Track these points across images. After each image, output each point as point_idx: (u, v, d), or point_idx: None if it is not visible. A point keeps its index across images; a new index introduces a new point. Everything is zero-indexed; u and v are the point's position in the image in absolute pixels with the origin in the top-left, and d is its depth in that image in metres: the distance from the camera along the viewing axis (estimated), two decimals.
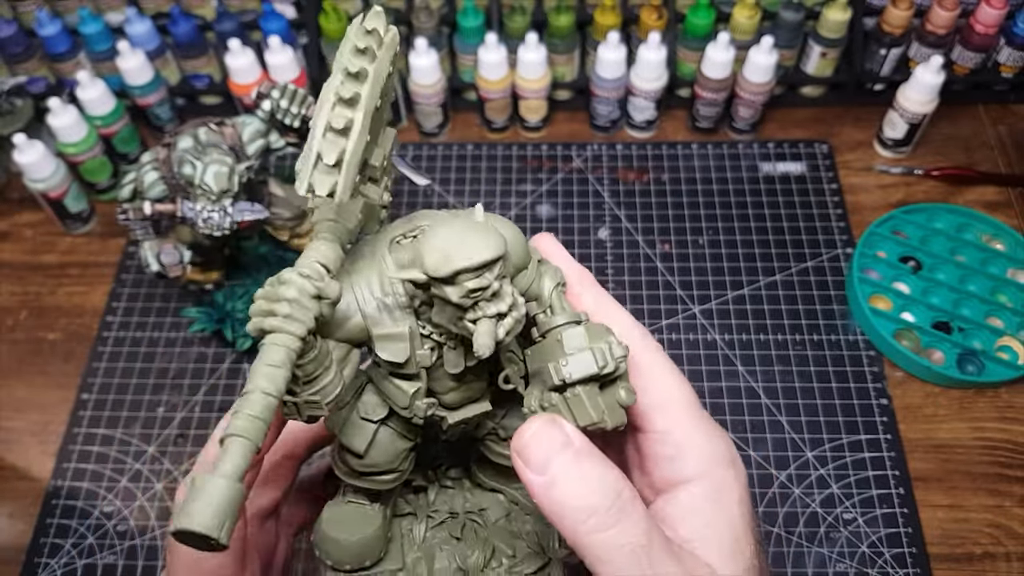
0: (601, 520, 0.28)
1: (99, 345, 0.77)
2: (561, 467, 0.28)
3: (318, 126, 0.26)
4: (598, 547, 0.28)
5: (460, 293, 0.27)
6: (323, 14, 0.87)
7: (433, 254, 0.27)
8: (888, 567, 0.63)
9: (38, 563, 0.66)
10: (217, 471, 0.24)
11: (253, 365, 0.26)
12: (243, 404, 0.25)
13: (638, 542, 0.28)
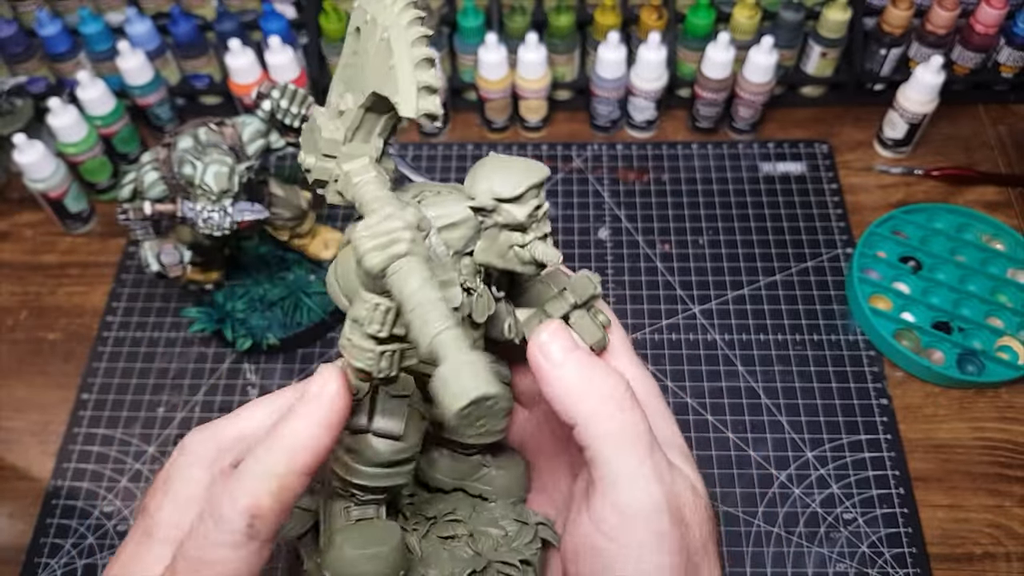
0: (617, 404, 0.32)
1: (99, 345, 0.77)
2: (578, 359, 0.32)
3: (404, 59, 0.27)
4: (611, 427, 0.31)
5: (527, 211, 0.30)
6: (323, 14, 0.87)
7: (495, 181, 0.30)
8: (888, 567, 0.63)
9: (38, 563, 0.66)
10: (456, 352, 0.24)
11: (399, 288, 0.25)
12: (428, 311, 0.25)
13: (645, 429, 0.32)
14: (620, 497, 0.32)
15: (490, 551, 0.37)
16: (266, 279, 0.76)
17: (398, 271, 0.26)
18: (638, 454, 0.32)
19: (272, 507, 0.30)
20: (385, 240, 0.26)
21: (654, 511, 0.31)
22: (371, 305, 0.27)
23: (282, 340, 0.73)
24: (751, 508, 0.66)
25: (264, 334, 0.73)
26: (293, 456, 0.30)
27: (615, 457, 0.32)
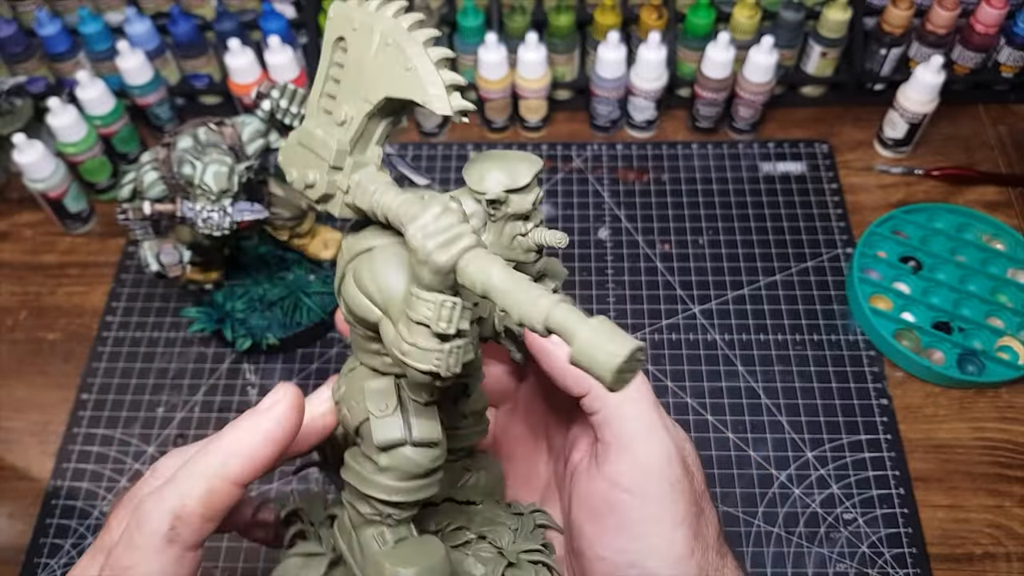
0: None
1: (99, 345, 0.77)
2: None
3: (425, 60, 0.27)
4: (624, 395, 0.34)
5: (532, 199, 0.32)
6: (323, 14, 0.87)
7: (502, 173, 0.31)
8: (888, 567, 0.63)
9: (38, 563, 0.66)
10: (581, 319, 0.24)
11: (481, 279, 0.26)
12: (526, 291, 0.25)
13: (649, 388, 0.35)
14: (637, 451, 0.34)
15: (509, 546, 0.38)
16: (266, 279, 0.76)
17: (472, 262, 0.26)
18: (649, 411, 0.35)
19: (196, 510, 0.29)
20: (448, 237, 0.26)
21: (667, 462, 0.34)
22: (437, 303, 0.27)
23: (282, 340, 0.73)
24: (751, 508, 0.66)
25: (264, 334, 0.73)
26: (227, 462, 0.30)
27: (630, 416, 0.34)
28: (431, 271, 0.26)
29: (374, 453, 0.32)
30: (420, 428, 0.32)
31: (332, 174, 0.30)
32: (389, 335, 0.29)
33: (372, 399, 0.32)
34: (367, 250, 0.30)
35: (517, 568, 0.37)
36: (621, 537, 0.34)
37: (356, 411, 0.33)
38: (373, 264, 0.30)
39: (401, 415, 0.32)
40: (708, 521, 0.35)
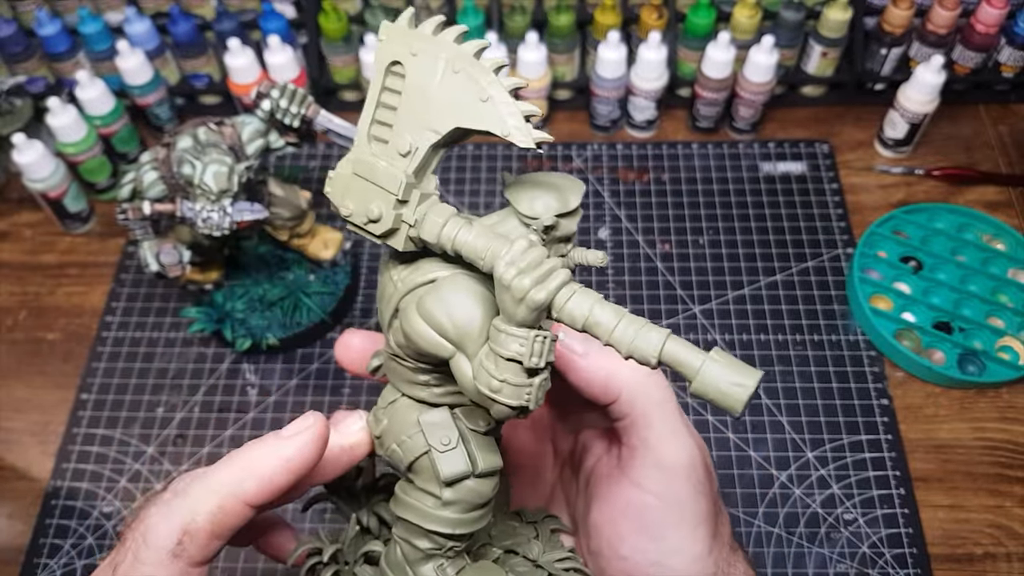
0: (650, 376, 0.36)
1: (98, 345, 0.77)
2: (598, 347, 0.33)
3: (501, 91, 0.27)
4: (653, 391, 0.36)
5: (577, 220, 0.31)
6: (323, 14, 0.87)
7: (552, 198, 0.31)
8: (889, 567, 0.63)
9: (37, 563, 0.66)
10: (697, 354, 0.25)
11: (580, 313, 0.26)
12: (634, 326, 0.26)
13: (673, 393, 0.36)
14: (664, 456, 0.35)
15: (540, 557, 0.38)
16: (265, 279, 0.76)
17: (570, 298, 0.27)
18: (674, 416, 0.36)
19: (204, 527, 0.29)
20: (541, 273, 0.26)
21: (691, 465, 0.35)
22: (530, 339, 0.26)
23: (281, 340, 0.73)
24: (752, 508, 0.66)
25: (263, 334, 0.73)
26: (242, 481, 0.29)
27: (657, 421, 0.36)
28: (528, 308, 0.26)
29: (435, 487, 0.32)
30: (484, 459, 0.32)
31: (398, 207, 0.29)
32: (468, 372, 0.28)
33: (432, 433, 0.32)
34: (429, 282, 0.30)
35: None
36: (643, 537, 0.35)
37: (410, 445, 0.32)
38: (443, 295, 0.29)
39: (464, 447, 0.32)
40: (723, 519, 0.37)
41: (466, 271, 0.30)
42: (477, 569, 0.34)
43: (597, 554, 0.37)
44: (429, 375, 0.32)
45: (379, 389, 0.36)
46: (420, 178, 0.29)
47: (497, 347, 0.27)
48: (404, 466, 0.33)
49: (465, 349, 0.28)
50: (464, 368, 0.28)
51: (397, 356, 0.32)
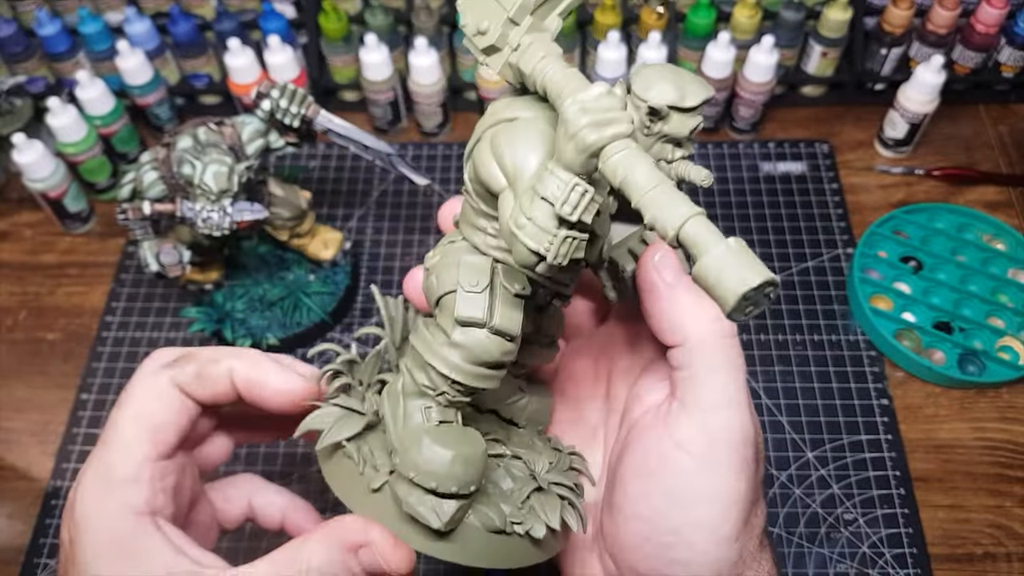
0: (724, 333, 0.33)
1: (98, 345, 0.77)
2: (689, 283, 0.33)
3: None
4: (720, 347, 0.33)
5: (692, 126, 0.30)
6: (323, 14, 0.87)
7: (672, 87, 0.29)
8: (889, 567, 0.63)
9: (37, 563, 0.66)
10: (717, 238, 0.24)
11: (624, 170, 0.25)
12: (668, 195, 0.25)
13: (743, 363, 0.34)
14: (715, 420, 0.33)
15: (542, 473, 0.37)
16: (265, 279, 0.76)
17: (620, 152, 0.25)
18: (738, 386, 0.33)
19: (197, 360, 0.35)
20: (603, 118, 0.25)
21: (742, 440, 0.33)
22: (569, 184, 0.25)
23: (281, 340, 0.73)
24: None
25: (264, 334, 0.73)
26: (227, 361, 0.36)
27: (718, 384, 0.33)
28: (577, 148, 0.25)
29: (449, 326, 0.32)
30: (503, 316, 0.31)
31: (508, 27, 0.29)
32: (508, 207, 0.28)
33: (465, 272, 0.31)
34: (512, 119, 0.30)
35: (545, 494, 0.35)
36: (669, 501, 0.33)
37: (444, 280, 0.32)
38: (515, 133, 0.29)
39: (488, 297, 0.31)
40: (759, 510, 0.35)
41: (550, 117, 0.29)
42: (460, 430, 0.33)
43: (617, 509, 0.35)
44: (486, 220, 0.32)
45: None
46: (544, 13, 0.29)
47: (538, 184, 0.26)
48: (434, 299, 0.33)
49: (515, 187, 0.28)
50: (506, 203, 0.28)
51: (468, 192, 0.32)
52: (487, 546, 0.33)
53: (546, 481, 0.36)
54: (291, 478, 0.69)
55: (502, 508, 0.34)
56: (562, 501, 0.36)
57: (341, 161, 0.90)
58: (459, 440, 0.32)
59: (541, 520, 0.34)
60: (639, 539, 0.34)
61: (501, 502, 0.34)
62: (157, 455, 0.34)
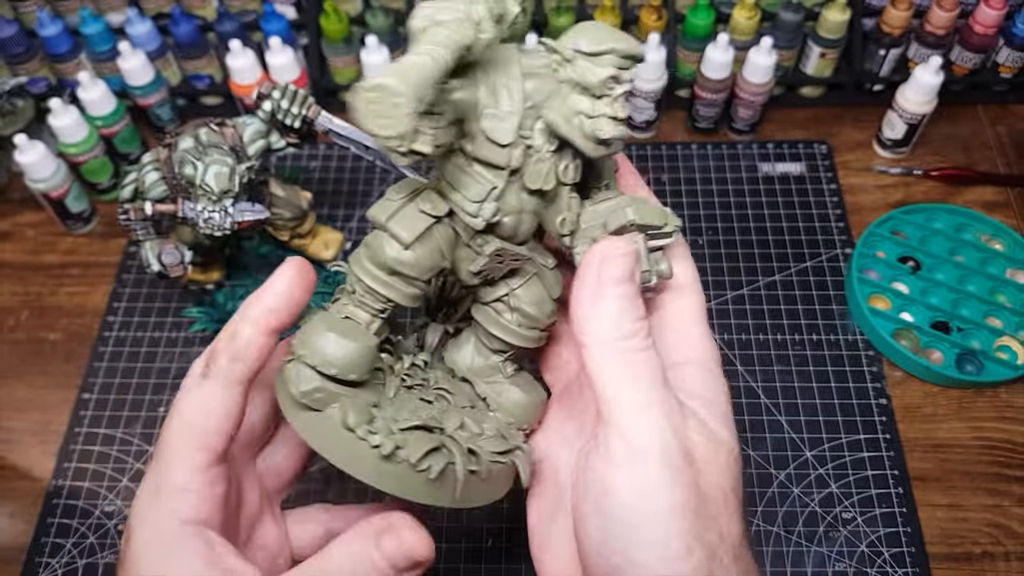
0: (635, 343, 0.33)
1: (100, 345, 0.78)
2: (626, 292, 0.34)
3: None
4: (624, 360, 0.33)
5: (601, 76, 0.30)
6: (324, 15, 0.87)
7: (583, 34, 0.31)
8: (887, 566, 0.63)
9: (39, 563, 0.66)
10: (409, 56, 0.26)
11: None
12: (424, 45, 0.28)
13: (655, 367, 0.33)
14: (628, 430, 0.32)
15: (453, 429, 0.36)
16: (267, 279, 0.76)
17: (429, 31, 0.28)
18: (648, 388, 0.32)
19: (222, 350, 0.35)
20: (434, 10, 0.29)
21: (662, 447, 0.32)
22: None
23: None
24: (750, 507, 0.66)
25: None
26: (246, 309, 0.37)
27: (622, 391, 0.32)
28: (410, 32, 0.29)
29: (372, 231, 0.36)
30: (400, 223, 0.34)
31: None
32: None
33: (401, 185, 0.35)
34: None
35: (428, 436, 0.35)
36: (609, 521, 0.32)
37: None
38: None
39: (400, 205, 0.34)
40: (727, 522, 0.33)
41: None
42: (352, 325, 0.36)
43: (575, 533, 0.35)
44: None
45: None
46: None
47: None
48: None
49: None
50: None
51: None
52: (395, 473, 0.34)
53: (448, 434, 0.36)
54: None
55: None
56: (469, 456, 0.36)
57: (342, 162, 0.90)
58: (345, 329, 0.35)
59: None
60: (592, 562, 0.33)
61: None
62: (205, 464, 0.34)
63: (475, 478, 0.35)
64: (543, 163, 0.33)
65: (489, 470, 0.36)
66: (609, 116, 0.31)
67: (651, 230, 0.34)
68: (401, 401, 0.37)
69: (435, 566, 0.34)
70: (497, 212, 0.33)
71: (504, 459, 0.37)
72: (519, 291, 0.37)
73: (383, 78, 0.26)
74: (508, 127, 0.32)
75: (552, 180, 0.33)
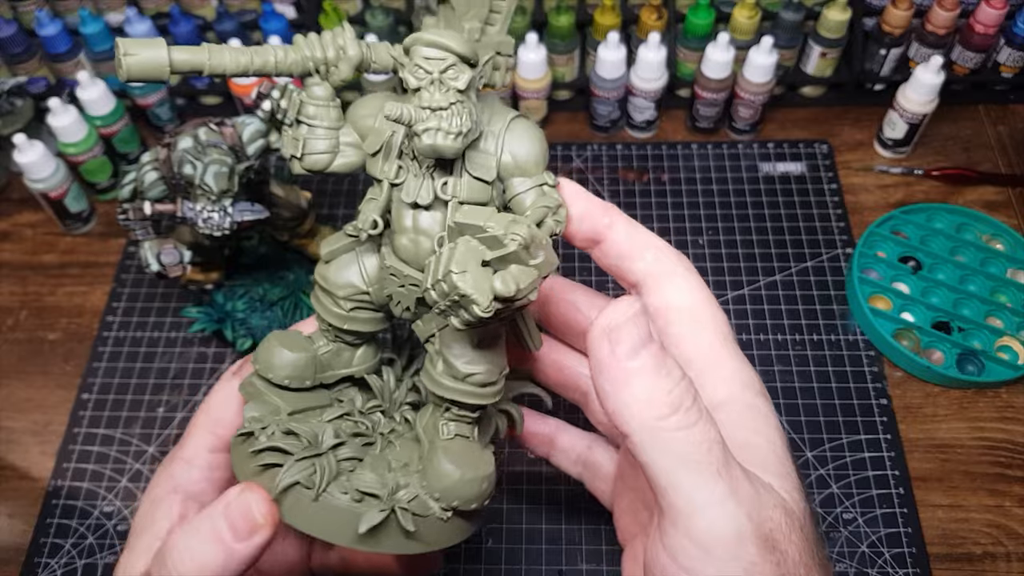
0: (681, 419, 0.28)
1: (99, 345, 0.77)
2: (650, 358, 0.28)
3: None
4: (675, 444, 0.28)
5: (410, 66, 0.31)
6: (323, 14, 0.87)
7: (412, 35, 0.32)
8: (888, 567, 0.63)
9: (38, 563, 0.66)
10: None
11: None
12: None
13: (714, 439, 0.28)
14: (695, 525, 0.28)
15: (336, 460, 0.35)
16: (266, 279, 0.76)
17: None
18: (712, 477, 0.28)
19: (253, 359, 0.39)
20: (303, 41, 0.34)
21: (736, 540, 0.27)
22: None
23: None
24: None
25: (264, 334, 0.73)
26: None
27: (688, 483, 0.28)
28: None
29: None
30: (327, 242, 0.38)
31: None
32: None
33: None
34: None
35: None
36: None
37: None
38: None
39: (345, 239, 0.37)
40: None
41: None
42: (303, 339, 0.39)
43: None
44: None
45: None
46: None
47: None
48: None
49: None
50: None
51: None
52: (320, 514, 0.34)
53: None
54: None
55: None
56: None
57: None
58: (291, 343, 0.38)
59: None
60: None
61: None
62: (213, 447, 0.38)
63: (305, 493, 0.33)
64: (417, 177, 0.33)
65: (330, 497, 0.34)
66: (422, 106, 0.30)
67: (478, 234, 0.30)
68: (323, 424, 0.37)
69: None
70: (377, 224, 0.33)
71: (358, 498, 0.34)
72: (445, 332, 0.34)
73: (129, 39, 0.31)
74: (377, 138, 0.33)
75: (428, 195, 0.33)
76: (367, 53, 0.34)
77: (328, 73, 0.34)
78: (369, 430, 0.38)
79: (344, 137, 0.34)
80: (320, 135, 0.34)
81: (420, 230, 0.33)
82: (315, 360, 0.38)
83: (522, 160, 0.33)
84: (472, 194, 0.33)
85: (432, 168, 0.33)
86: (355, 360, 0.39)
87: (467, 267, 0.28)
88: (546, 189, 0.33)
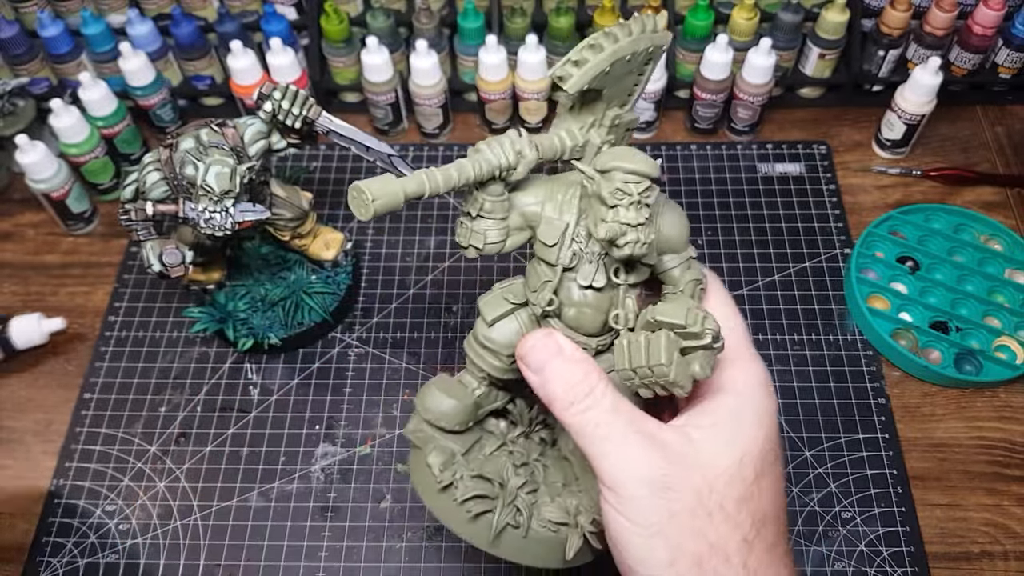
0: (579, 406, 0.38)
1: (101, 345, 0.78)
2: (553, 369, 0.39)
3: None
4: (578, 425, 0.37)
5: (610, 188, 0.36)
6: (324, 16, 0.87)
7: (604, 156, 0.37)
8: (886, 566, 0.64)
9: (40, 562, 0.66)
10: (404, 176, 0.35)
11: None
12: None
13: (604, 420, 0.37)
14: (604, 476, 0.37)
15: (515, 488, 0.45)
16: (267, 279, 0.76)
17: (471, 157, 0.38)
18: (600, 438, 0.37)
19: None
20: (481, 145, 0.39)
21: (638, 481, 0.36)
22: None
23: (283, 340, 0.74)
24: None
25: (265, 334, 0.73)
26: None
27: (589, 447, 0.38)
28: None
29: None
30: (488, 306, 0.44)
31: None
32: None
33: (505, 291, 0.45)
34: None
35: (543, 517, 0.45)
36: (616, 549, 0.38)
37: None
38: None
39: (497, 294, 0.44)
40: (711, 538, 0.36)
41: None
42: (463, 386, 0.46)
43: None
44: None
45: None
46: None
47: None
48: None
49: None
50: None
51: None
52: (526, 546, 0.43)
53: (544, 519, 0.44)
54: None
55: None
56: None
57: (342, 162, 0.90)
58: (451, 390, 0.45)
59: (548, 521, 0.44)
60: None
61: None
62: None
63: (515, 532, 0.43)
64: (591, 264, 0.39)
65: (535, 531, 0.44)
66: (621, 222, 0.36)
67: (677, 329, 0.36)
68: (493, 459, 0.46)
69: (436, 564, 0.35)
70: (553, 301, 0.40)
71: (554, 528, 0.44)
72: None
73: (366, 183, 0.34)
74: (554, 231, 0.39)
75: (602, 279, 0.39)
76: (539, 153, 0.40)
77: (508, 174, 0.39)
78: (524, 455, 0.47)
79: (510, 222, 0.40)
80: (494, 226, 0.40)
81: (588, 304, 0.40)
82: (475, 404, 0.45)
83: (674, 241, 0.40)
84: (639, 277, 0.40)
85: (604, 256, 0.39)
86: (500, 397, 0.47)
87: (672, 358, 0.36)
88: (692, 263, 0.41)
